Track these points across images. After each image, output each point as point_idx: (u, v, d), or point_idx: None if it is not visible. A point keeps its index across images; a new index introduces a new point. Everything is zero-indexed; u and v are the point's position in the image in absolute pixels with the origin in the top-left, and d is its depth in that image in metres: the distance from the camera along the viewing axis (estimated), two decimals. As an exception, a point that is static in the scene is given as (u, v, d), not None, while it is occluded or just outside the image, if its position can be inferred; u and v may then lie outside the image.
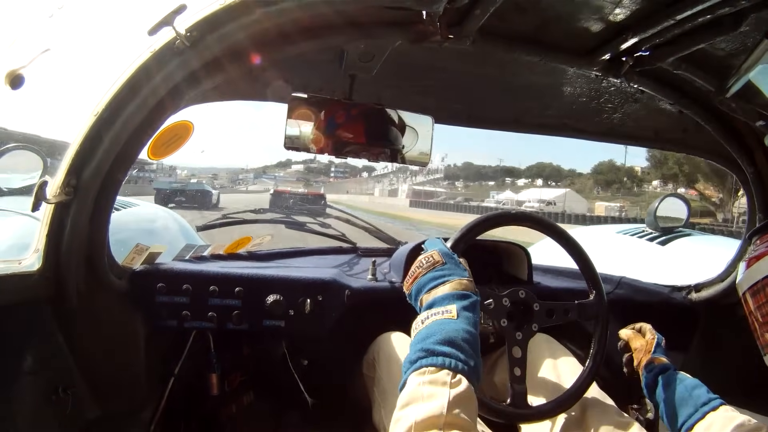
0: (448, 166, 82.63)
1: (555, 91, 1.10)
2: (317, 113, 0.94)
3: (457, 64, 1.00)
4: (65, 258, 0.81)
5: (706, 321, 1.33)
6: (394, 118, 1.01)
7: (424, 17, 0.79)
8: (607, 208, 37.50)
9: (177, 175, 22.88)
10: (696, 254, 1.79)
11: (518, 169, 77.81)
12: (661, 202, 1.99)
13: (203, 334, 1.11)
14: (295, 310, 1.07)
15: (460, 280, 0.69)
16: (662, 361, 0.87)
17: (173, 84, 0.75)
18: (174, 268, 1.06)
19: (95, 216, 0.82)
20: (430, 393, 0.55)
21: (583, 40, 0.86)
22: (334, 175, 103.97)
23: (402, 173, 76.27)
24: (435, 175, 75.63)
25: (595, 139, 1.31)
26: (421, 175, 72.59)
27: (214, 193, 19.17)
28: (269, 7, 0.70)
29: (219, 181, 23.71)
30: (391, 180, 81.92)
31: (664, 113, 1.11)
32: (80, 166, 0.77)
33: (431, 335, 0.61)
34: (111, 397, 0.97)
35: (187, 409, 1.15)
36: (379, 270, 1.24)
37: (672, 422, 0.79)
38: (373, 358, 1.03)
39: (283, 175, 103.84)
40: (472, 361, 0.60)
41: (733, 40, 0.80)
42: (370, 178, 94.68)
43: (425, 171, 69.97)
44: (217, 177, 26.13)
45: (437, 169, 76.39)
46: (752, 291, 0.73)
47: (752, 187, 1.14)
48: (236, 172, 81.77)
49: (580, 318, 0.94)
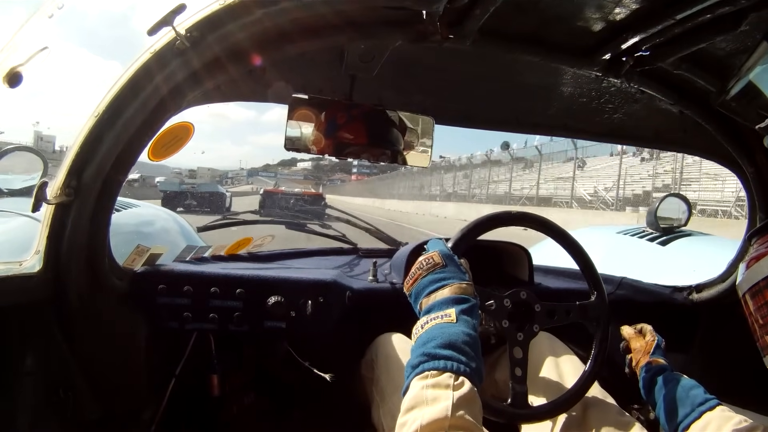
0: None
1: (555, 91, 1.10)
2: (318, 114, 0.94)
3: (457, 64, 1.00)
4: (66, 259, 0.81)
5: (707, 321, 1.33)
6: (395, 119, 1.01)
7: (424, 17, 0.79)
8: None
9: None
10: (696, 254, 1.79)
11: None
12: (661, 202, 1.99)
13: (204, 335, 1.11)
14: (296, 311, 1.07)
15: (459, 284, 0.69)
16: (660, 362, 0.88)
17: (174, 84, 0.75)
18: (175, 270, 1.06)
19: (96, 217, 0.82)
20: (434, 396, 0.55)
21: (583, 40, 0.86)
22: (357, 172, 78.17)
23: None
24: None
25: (596, 139, 1.32)
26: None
27: (228, 195, 17.56)
28: (269, 7, 0.70)
29: (202, 180, 20.56)
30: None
31: (664, 113, 1.11)
32: (81, 167, 0.77)
33: (432, 339, 0.61)
34: (111, 398, 0.97)
35: (188, 410, 1.15)
36: (380, 271, 1.24)
37: (669, 422, 0.79)
38: (372, 359, 1.03)
39: (287, 173, 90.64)
40: (473, 363, 0.60)
41: (733, 40, 0.80)
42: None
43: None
44: (195, 175, 20.69)
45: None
46: (752, 292, 0.73)
47: (752, 187, 1.14)
48: (225, 171, 66.82)
49: (581, 319, 0.94)
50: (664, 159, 14.81)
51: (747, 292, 0.74)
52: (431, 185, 29.35)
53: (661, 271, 1.57)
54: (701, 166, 12.46)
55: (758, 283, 0.72)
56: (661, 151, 11.23)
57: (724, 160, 1.20)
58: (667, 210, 2.00)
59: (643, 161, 16.81)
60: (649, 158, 16.30)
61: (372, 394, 1.00)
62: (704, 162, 10.67)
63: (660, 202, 1.99)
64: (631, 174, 15.74)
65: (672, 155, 13.15)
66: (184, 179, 18.31)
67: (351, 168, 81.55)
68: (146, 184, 19.98)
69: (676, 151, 1.22)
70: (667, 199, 1.99)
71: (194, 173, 20.31)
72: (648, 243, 1.95)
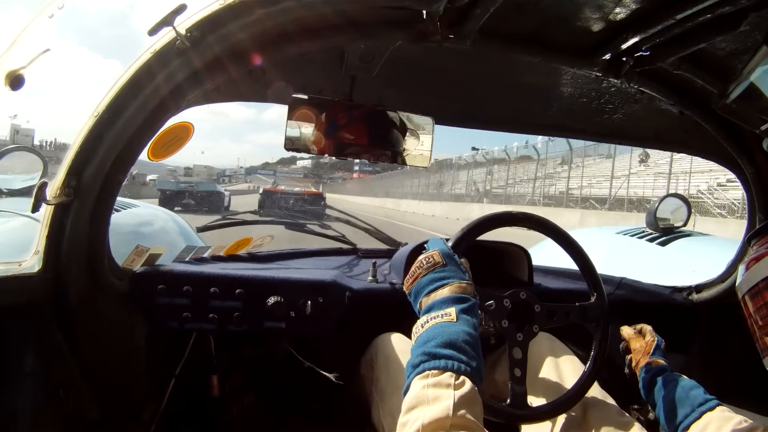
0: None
1: (555, 91, 1.10)
2: (318, 114, 0.94)
3: (458, 64, 1.00)
4: (65, 259, 0.81)
5: (706, 322, 1.33)
6: (395, 119, 1.01)
7: (424, 17, 0.79)
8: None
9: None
10: (696, 255, 1.79)
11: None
12: (661, 203, 1.99)
13: (204, 335, 1.11)
14: (295, 311, 1.07)
15: (459, 283, 0.69)
16: (660, 362, 0.88)
17: (174, 85, 0.75)
18: (174, 270, 1.06)
19: (95, 217, 0.82)
20: (435, 396, 0.55)
21: (584, 40, 0.86)
22: (359, 170, 70.81)
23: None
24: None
25: (596, 140, 1.32)
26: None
27: (226, 194, 16.92)
28: (270, 7, 0.70)
29: (198, 178, 18.78)
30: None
31: (664, 114, 1.11)
32: (80, 167, 0.77)
33: (432, 339, 0.61)
34: (111, 399, 0.97)
35: (188, 411, 1.15)
36: (379, 271, 1.24)
37: (669, 422, 0.80)
38: (371, 359, 1.04)
39: (287, 171, 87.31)
40: (474, 362, 0.60)
41: (733, 40, 0.80)
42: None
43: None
44: (192, 173, 19.08)
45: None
46: (751, 293, 0.73)
47: (752, 188, 1.14)
48: (223, 169, 58.34)
49: (581, 320, 0.94)
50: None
51: (746, 293, 0.74)
52: (454, 183, 23.98)
53: (660, 272, 1.57)
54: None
55: (758, 284, 0.72)
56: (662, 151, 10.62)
57: (724, 160, 1.20)
58: (667, 210, 2.00)
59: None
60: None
61: (372, 394, 1.00)
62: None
63: (659, 203, 1.99)
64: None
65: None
66: (178, 177, 17.34)
67: (353, 166, 75.33)
68: (136, 182, 19.15)
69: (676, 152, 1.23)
70: (666, 200, 1.99)
71: (190, 171, 19.55)
72: (647, 243, 1.95)
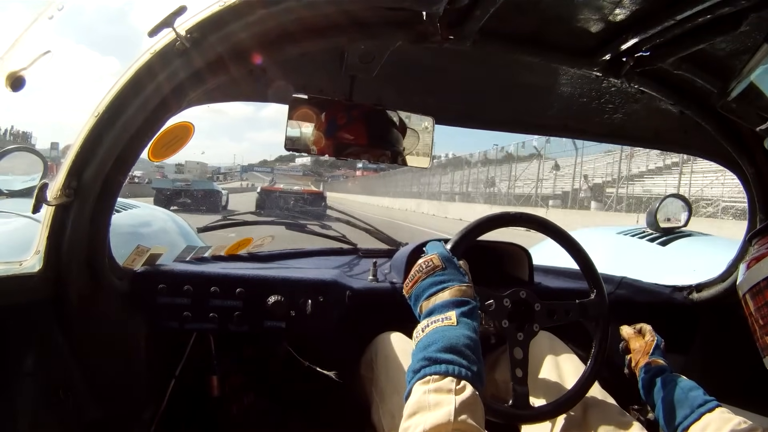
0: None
1: (555, 91, 1.10)
2: (318, 114, 0.94)
3: (458, 65, 1.00)
4: (66, 259, 0.81)
5: (707, 321, 1.33)
6: (395, 119, 1.01)
7: (425, 18, 0.79)
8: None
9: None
10: (696, 254, 1.79)
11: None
12: (661, 203, 1.99)
13: (204, 335, 1.11)
14: (296, 310, 1.07)
15: (459, 286, 0.69)
16: (659, 363, 0.88)
17: (174, 85, 0.75)
18: (175, 270, 1.06)
19: (96, 217, 0.82)
20: (436, 401, 0.55)
21: (584, 40, 0.86)
22: (362, 167, 61.98)
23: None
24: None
25: (596, 140, 1.32)
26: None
27: (224, 193, 16.15)
28: (270, 7, 0.70)
29: (190, 175, 17.89)
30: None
31: (664, 114, 1.11)
32: (81, 168, 0.77)
33: (433, 343, 0.61)
34: (111, 399, 0.97)
35: (188, 411, 1.15)
36: (379, 271, 1.24)
37: (668, 424, 0.79)
38: (371, 359, 1.03)
39: (285, 168, 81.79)
40: (475, 366, 0.60)
41: (733, 41, 0.80)
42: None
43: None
44: (183, 170, 20.07)
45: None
46: (752, 293, 0.73)
47: (752, 188, 1.14)
48: (217, 167, 56.72)
49: (581, 318, 0.94)
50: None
51: (747, 292, 0.74)
52: (478, 181, 21.15)
53: (661, 272, 1.57)
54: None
55: (759, 284, 0.72)
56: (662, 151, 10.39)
57: (724, 160, 1.20)
58: (667, 210, 2.00)
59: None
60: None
61: (371, 394, 1.00)
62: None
63: (660, 203, 1.99)
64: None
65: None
66: (165, 174, 16.57)
67: (356, 163, 69.98)
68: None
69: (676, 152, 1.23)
70: (667, 200, 1.99)
71: (182, 168, 18.74)
72: (648, 243, 1.95)
